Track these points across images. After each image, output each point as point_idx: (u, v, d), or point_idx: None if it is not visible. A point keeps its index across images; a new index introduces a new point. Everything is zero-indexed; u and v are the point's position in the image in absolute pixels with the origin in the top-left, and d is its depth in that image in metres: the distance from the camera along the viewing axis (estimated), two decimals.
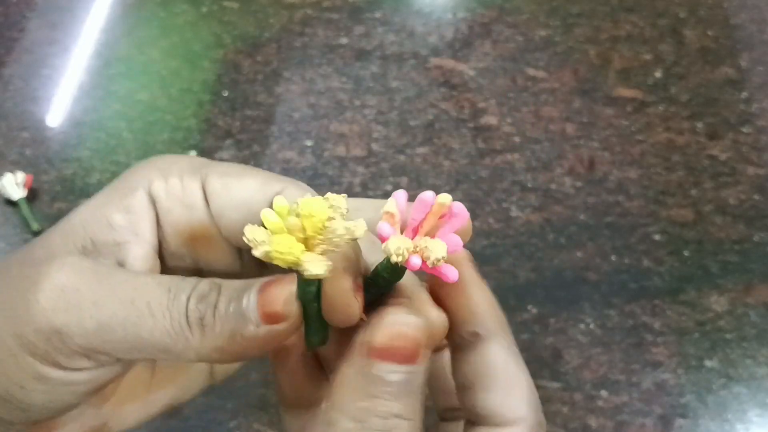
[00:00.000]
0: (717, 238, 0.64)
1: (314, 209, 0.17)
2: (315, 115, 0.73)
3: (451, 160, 0.69)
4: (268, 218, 0.17)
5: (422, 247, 0.17)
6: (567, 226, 0.65)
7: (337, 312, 0.18)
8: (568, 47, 0.76)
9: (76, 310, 0.17)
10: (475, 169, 0.69)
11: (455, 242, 0.18)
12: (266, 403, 0.56)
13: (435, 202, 0.18)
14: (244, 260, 0.21)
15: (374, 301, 0.19)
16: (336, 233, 0.17)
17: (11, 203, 0.67)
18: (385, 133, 0.71)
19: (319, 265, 0.17)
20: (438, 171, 0.68)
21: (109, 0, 0.82)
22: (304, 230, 0.17)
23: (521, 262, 0.63)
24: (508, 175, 0.68)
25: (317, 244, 0.17)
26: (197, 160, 0.21)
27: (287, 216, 0.17)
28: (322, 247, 0.17)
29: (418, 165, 0.69)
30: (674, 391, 0.56)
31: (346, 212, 0.17)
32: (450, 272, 0.18)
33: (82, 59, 0.78)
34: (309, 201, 0.17)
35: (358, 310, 0.19)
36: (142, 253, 0.20)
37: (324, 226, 0.17)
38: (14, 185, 0.67)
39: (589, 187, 0.67)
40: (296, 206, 0.17)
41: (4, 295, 0.18)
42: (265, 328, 0.17)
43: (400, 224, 0.18)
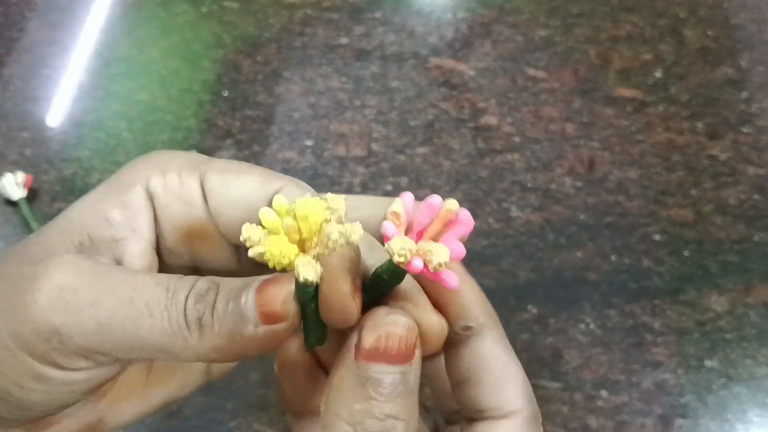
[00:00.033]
0: (717, 238, 0.64)
1: (310, 211, 0.16)
2: (315, 115, 0.73)
3: (451, 160, 0.69)
4: (266, 217, 0.17)
5: (425, 251, 0.17)
6: (567, 226, 0.65)
7: (334, 314, 0.18)
8: (568, 47, 0.76)
9: (75, 310, 0.17)
10: (475, 169, 0.69)
11: (458, 249, 0.17)
12: (266, 403, 0.56)
13: (442, 208, 0.18)
14: (242, 257, 0.21)
15: (373, 303, 0.19)
16: (331, 237, 0.16)
17: (11, 203, 0.67)
18: (385, 133, 0.71)
19: (311, 271, 0.16)
20: (438, 171, 0.68)
21: (109, 0, 0.82)
22: (300, 232, 0.17)
23: (521, 262, 0.63)
24: (508, 175, 0.68)
25: (313, 246, 0.17)
26: (196, 156, 0.21)
27: (285, 215, 0.17)
28: (318, 250, 0.17)
29: (418, 165, 0.69)
30: (674, 391, 0.56)
31: (344, 215, 0.17)
32: (451, 278, 0.18)
33: (82, 59, 0.78)
34: (306, 202, 0.17)
35: (356, 312, 0.18)
36: (139, 249, 0.20)
37: (320, 228, 0.17)
38: (14, 185, 0.67)
39: (589, 187, 0.67)
40: (294, 206, 0.17)
41: (2, 294, 0.18)
42: (263, 328, 0.17)
43: (404, 226, 0.18)
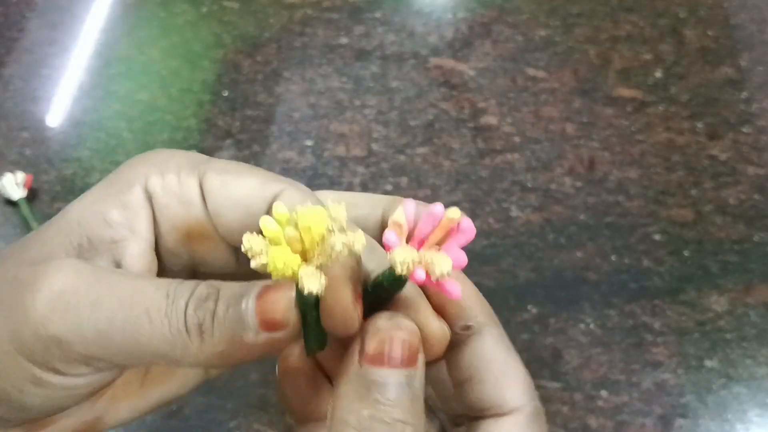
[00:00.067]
0: (717, 238, 0.64)
1: (312, 222, 0.16)
2: (315, 115, 0.73)
3: (451, 160, 0.69)
4: (266, 227, 0.17)
5: (427, 261, 0.17)
6: (567, 226, 0.65)
7: (336, 322, 0.18)
8: (568, 47, 0.76)
9: (75, 317, 0.17)
10: (475, 169, 0.69)
11: (460, 258, 0.17)
12: (266, 403, 0.56)
13: (444, 216, 0.18)
14: (241, 258, 0.21)
15: (374, 309, 0.19)
16: (334, 248, 0.16)
17: (11, 203, 0.67)
18: (385, 133, 0.71)
19: (315, 283, 0.16)
20: (438, 171, 0.68)
21: (109, 0, 0.82)
22: (302, 242, 0.17)
23: (521, 262, 0.63)
24: (508, 175, 0.68)
25: (315, 256, 0.17)
26: (195, 155, 0.21)
27: (286, 225, 0.17)
28: (320, 260, 0.17)
29: (418, 165, 0.69)
30: (674, 391, 0.56)
31: (345, 224, 0.17)
32: (453, 288, 0.18)
33: (82, 59, 0.78)
34: (307, 212, 0.16)
35: (357, 320, 0.18)
36: (139, 251, 0.19)
37: (322, 238, 0.17)
38: (14, 185, 0.67)
39: (589, 187, 0.67)
40: (295, 215, 0.17)
41: (1, 296, 0.18)
42: (264, 335, 0.17)
43: (406, 235, 0.18)
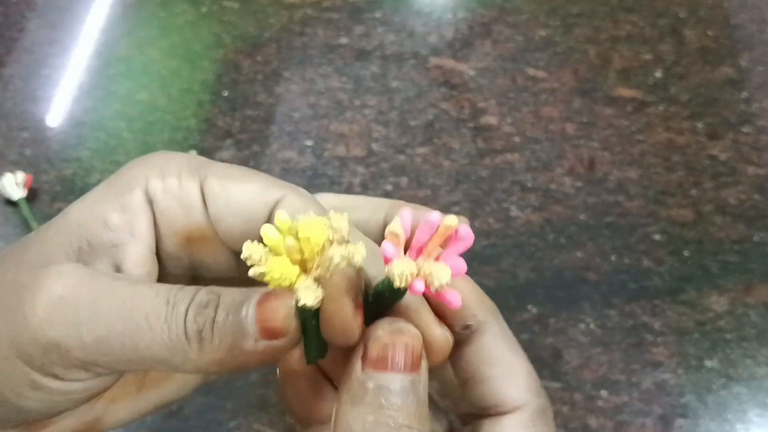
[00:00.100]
0: (717, 238, 0.64)
1: (312, 232, 0.16)
2: (315, 115, 0.73)
3: (451, 160, 0.69)
4: (267, 235, 0.16)
5: (426, 273, 0.17)
6: (567, 226, 0.65)
7: (336, 332, 0.18)
8: (568, 47, 0.76)
9: (74, 323, 0.17)
10: (475, 169, 0.69)
11: (459, 266, 0.17)
12: (266, 403, 0.56)
13: (441, 224, 0.17)
14: (242, 263, 0.21)
15: (376, 317, 0.19)
16: (333, 261, 0.16)
17: (11, 203, 0.67)
18: (385, 133, 0.71)
19: (311, 297, 0.16)
20: (438, 171, 0.68)
21: (109, 0, 0.82)
22: (301, 252, 0.16)
23: (521, 262, 0.63)
24: (508, 175, 0.68)
25: (314, 267, 0.17)
26: (195, 158, 0.21)
27: (287, 233, 0.16)
28: (319, 272, 0.16)
29: (418, 165, 0.69)
30: (674, 391, 0.56)
31: (347, 234, 0.16)
32: (453, 298, 0.17)
33: (82, 59, 0.78)
34: (308, 223, 0.16)
35: (357, 331, 0.18)
36: (139, 255, 0.19)
37: (321, 249, 0.16)
38: (14, 185, 0.67)
39: (589, 187, 0.67)
40: (296, 223, 0.16)
41: (0, 298, 0.18)
42: (263, 343, 0.17)
43: (404, 245, 0.18)
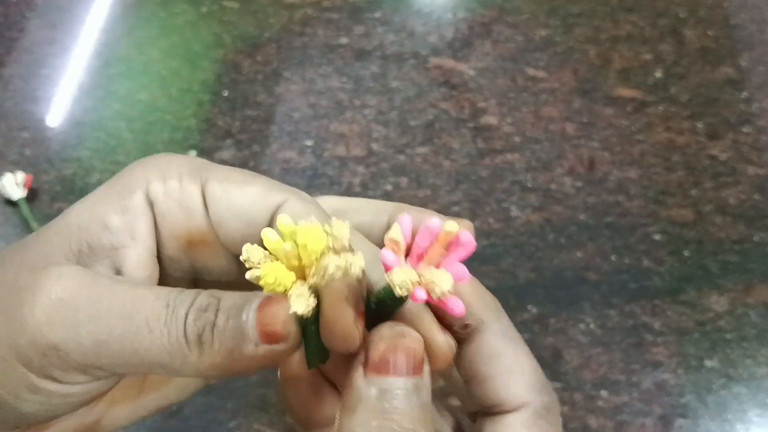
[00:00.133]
0: (717, 238, 0.64)
1: (309, 240, 0.16)
2: (315, 115, 0.73)
3: (451, 160, 0.69)
4: (268, 238, 0.16)
5: (427, 281, 0.17)
6: (567, 226, 0.65)
7: (336, 340, 0.18)
8: (568, 47, 0.76)
9: (73, 326, 0.17)
10: (475, 169, 0.69)
11: (461, 272, 0.17)
12: (266, 403, 0.56)
13: (442, 231, 0.17)
14: (242, 267, 0.21)
15: (377, 323, 0.19)
16: (327, 270, 0.16)
17: (11, 203, 0.67)
18: (385, 133, 0.71)
19: (302, 305, 0.16)
20: (438, 171, 0.68)
21: (109, 0, 0.82)
22: (299, 258, 0.16)
23: (521, 262, 0.63)
24: (508, 175, 0.68)
25: (311, 275, 0.16)
26: (196, 161, 0.21)
27: (288, 238, 0.16)
28: (314, 280, 0.16)
29: (418, 165, 0.69)
30: (674, 391, 0.56)
31: (347, 243, 0.16)
32: (456, 305, 0.17)
33: (82, 59, 0.78)
34: (306, 230, 0.16)
35: (358, 338, 0.18)
36: (139, 258, 0.19)
37: (319, 257, 0.16)
38: (14, 185, 0.67)
39: (589, 187, 0.67)
40: (297, 229, 0.16)
41: None
42: (264, 348, 0.17)
43: (404, 252, 0.17)
